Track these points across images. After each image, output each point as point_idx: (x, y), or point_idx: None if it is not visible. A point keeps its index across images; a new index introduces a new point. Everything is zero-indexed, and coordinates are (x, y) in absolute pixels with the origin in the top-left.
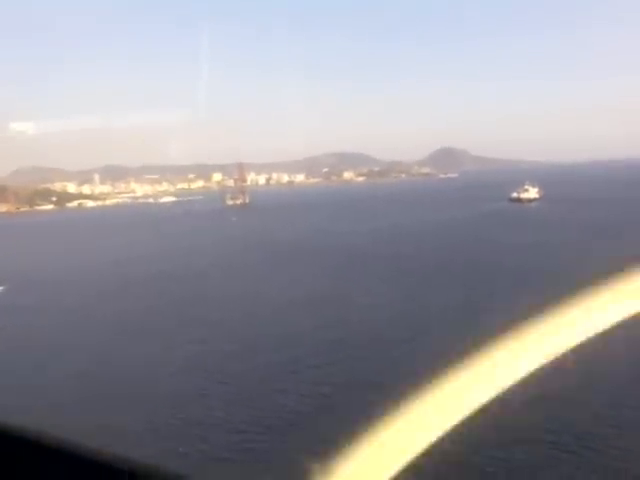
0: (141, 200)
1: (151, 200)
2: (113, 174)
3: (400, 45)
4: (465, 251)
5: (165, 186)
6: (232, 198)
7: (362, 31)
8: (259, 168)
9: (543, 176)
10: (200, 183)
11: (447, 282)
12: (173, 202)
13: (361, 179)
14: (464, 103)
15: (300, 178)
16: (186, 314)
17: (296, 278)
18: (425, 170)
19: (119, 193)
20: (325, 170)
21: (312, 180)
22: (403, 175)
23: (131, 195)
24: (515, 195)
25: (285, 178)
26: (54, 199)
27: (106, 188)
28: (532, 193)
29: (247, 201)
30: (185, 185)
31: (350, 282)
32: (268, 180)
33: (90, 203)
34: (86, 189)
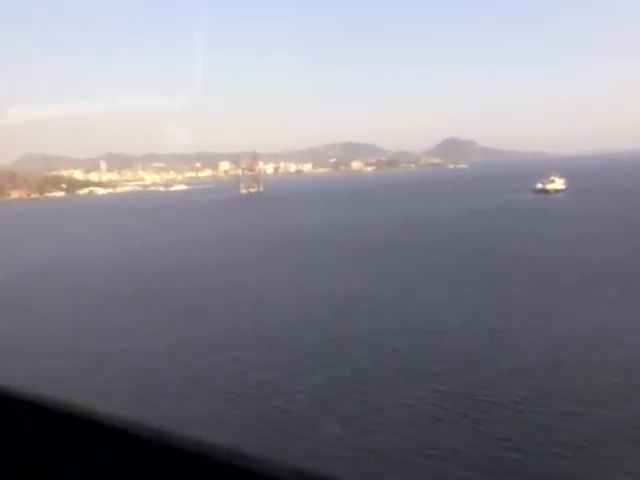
0: (152, 188)
1: (162, 188)
2: (118, 162)
3: (405, 33)
4: (513, 247)
5: (173, 174)
6: (246, 187)
7: (366, 20)
8: (265, 157)
9: (557, 168)
10: (208, 172)
11: (510, 282)
12: (185, 190)
13: (370, 169)
14: (470, 93)
15: (308, 168)
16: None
17: (347, 271)
18: (435, 160)
19: (127, 181)
20: (333, 160)
21: (320, 170)
22: (413, 165)
23: (140, 183)
24: (540, 186)
25: (293, 168)
26: (64, 186)
27: (113, 176)
28: (558, 184)
29: (261, 190)
30: (193, 174)
31: (402, 277)
32: (276, 169)
33: (101, 190)
34: (93, 176)
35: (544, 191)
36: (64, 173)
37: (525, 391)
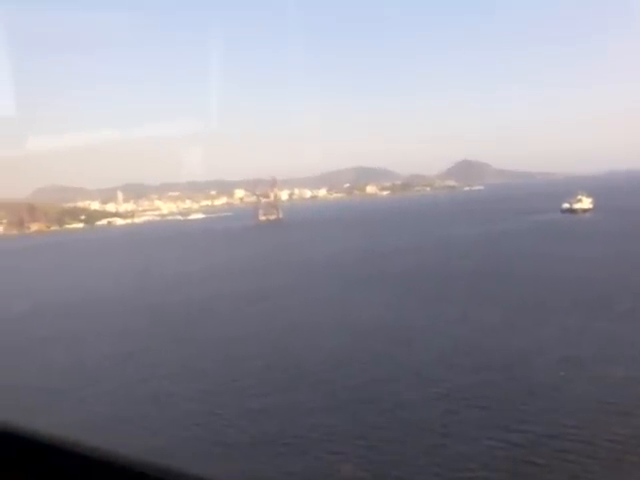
0: (169, 217)
1: (180, 217)
2: (134, 192)
3: (416, 57)
4: (558, 271)
5: (188, 203)
6: (265, 214)
7: (376, 45)
8: (279, 184)
9: (576, 188)
10: (223, 199)
11: (565, 308)
12: (203, 219)
13: (385, 193)
14: (482, 116)
15: (322, 193)
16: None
17: (395, 302)
18: (449, 183)
19: (144, 211)
20: (347, 185)
21: (335, 195)
22: (428, 188)
23: (157, 213)
24: (567, 206)
25: (308, 193)
26: (83, 217)
27: (130, 206)
28: (586, 203)
29: (281, 216)
30: (208, 202)
31: (453, 305)
32: (291, 195)
33: (119, 221)
34: (111, 207)
35: (571, 211)
36: (81, 204)
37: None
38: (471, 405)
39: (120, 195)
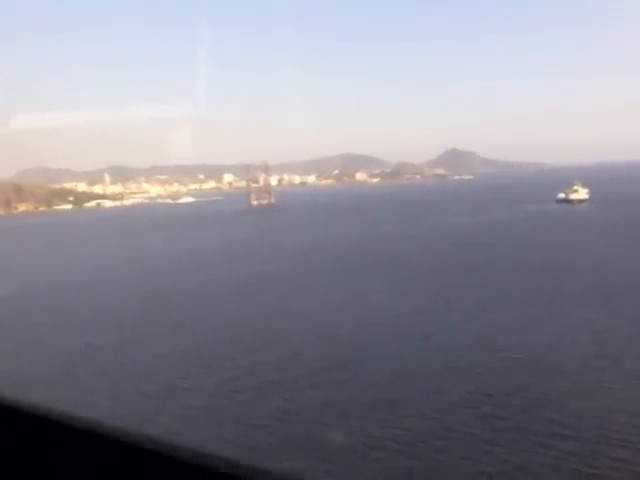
0: (158, 200)
1: (169, 201)
2: (121, 174)
3: (404, 45)
4: (566, 261)
5: (177, 187)
6: (257, 198)
7: (364, 31)
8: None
9: (568, 178)
10: (212, 184)
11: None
12: (193, 203)
13: (375, 180)
14: (469, 104)
15: (312, 179)
16: None
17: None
18: (439, 171)
19: (132, 193)
20: (336, 171)
21: (324, 181)
22: (418, 177)
23: (145, 195)
24: (562, 196)
25: (297, 179)
26: (71, 199)
27: (117, 188)
28: (582, 194)
29: (273, 201)
30: (197, 186)
31: (466, 296)
32: (280, 181)
33: (108, 203)
34: (98, 189)
35: (567, 201)
36: (68, 186)
37: None
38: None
39: (107, 177)
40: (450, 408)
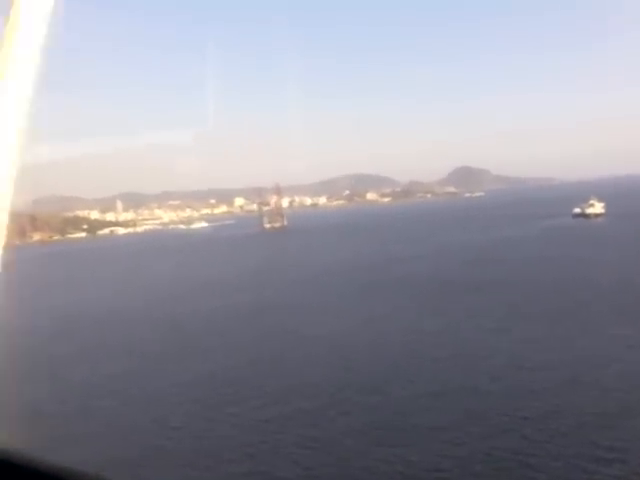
0: (171, 226)
1: (182, 226)
2: (133, 201)
3: (412, 61)
4: (592, 278)
5: (189, 212)
6: (270, 221)
7: (375, 51)
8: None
9: (579, 193)
10: (223, 208)
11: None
12: (206, 228)
13: (386, 200)
14: (480, 121)
15: (323, 201)
16: None
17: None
18: (450, 189)
19: (144, 220)
20: (346, 192)
21: (335, 202)
22: (429, 195)
23: (158, 222)
24: (578, 210)
25: (308, 201)
26: (85, 227)
27: (129, 215)
28: (598, 208)
29: (285, 224)
30: (208, 210)
31: (492, 315)
32: (291, 203)
33: (121, 230)
34: (110, 216)
35: (584, 215)
36: (80, 214)
37: None
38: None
39: (119, 204)
40: (493, 432)
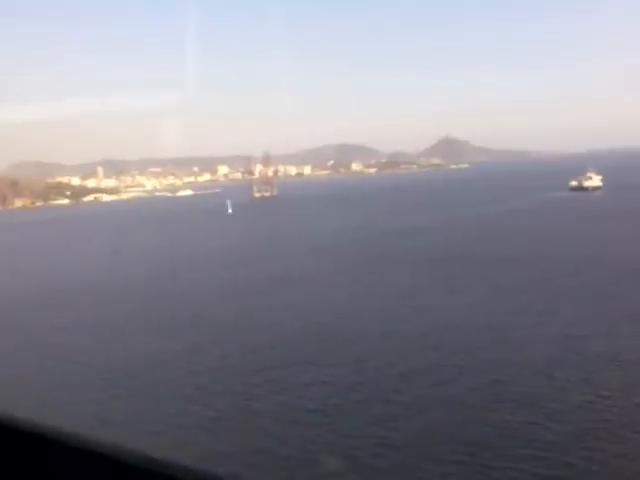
0: (157, 194)
1: (168, 194)
2: (114, 167)
3: (396, 34)
4: (602, 251)
5: (171, 180)
6: (259, 190)
7: (358, 21)
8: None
9: (568, 166)
10: (207, 176)
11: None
12: (192, 196)
13: (372, 171)
14: (463, 93)
15: (308, 170)
16: None
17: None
18: (435, 161)
19: (127, 187)
20: (331, 162)
21: (320, 172)
22: (414, 166)
23: (142, 189)
24: (575, 183)
25: (293, 170)
26: (68, 194)
27: (111, 182)
28: (596, 181)
29: (275, 194)
30: (191, 178)
31: (516, 292)
32: (276, 172)
33: (106, 197)
34: (91, 183)
35: (581, 188)
36: (61, 180)
37: None
38: None
39: (101, 171)
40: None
